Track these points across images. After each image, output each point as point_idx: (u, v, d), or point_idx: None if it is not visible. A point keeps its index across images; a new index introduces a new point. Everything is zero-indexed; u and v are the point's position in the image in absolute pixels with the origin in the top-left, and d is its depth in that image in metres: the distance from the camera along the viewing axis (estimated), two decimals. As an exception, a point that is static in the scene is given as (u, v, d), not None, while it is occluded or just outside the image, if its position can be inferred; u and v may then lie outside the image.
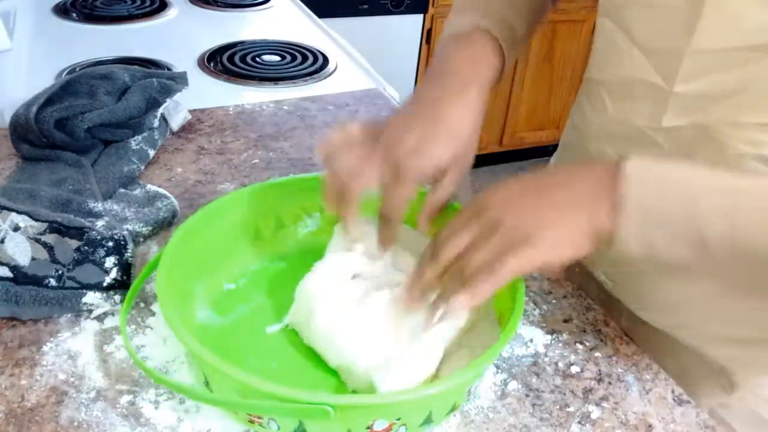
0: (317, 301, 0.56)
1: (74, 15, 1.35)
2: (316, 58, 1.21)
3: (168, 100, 0.88)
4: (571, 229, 0.47)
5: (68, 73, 1.05)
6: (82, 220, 0.63)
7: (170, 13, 1.40)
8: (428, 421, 0.50)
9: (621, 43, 0.60)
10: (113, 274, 0.61)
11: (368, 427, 0.47)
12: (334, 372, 0.56)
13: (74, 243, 0.61)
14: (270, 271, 0.67)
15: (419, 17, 2.36)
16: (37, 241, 0.60)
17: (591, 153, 0.68)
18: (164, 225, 0.72)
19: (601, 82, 0.65)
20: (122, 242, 0.62)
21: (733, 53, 0.51)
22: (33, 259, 0.59)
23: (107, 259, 0.61)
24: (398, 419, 0.48)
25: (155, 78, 0.89)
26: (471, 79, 0.59)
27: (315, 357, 0.57)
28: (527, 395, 0.57)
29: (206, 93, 1.06)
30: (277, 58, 1.21)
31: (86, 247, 0.61)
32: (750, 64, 0.51)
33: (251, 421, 0.49)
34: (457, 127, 0.57)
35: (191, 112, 0.95)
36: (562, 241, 0.47)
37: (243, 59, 1.19)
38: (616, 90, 0.62)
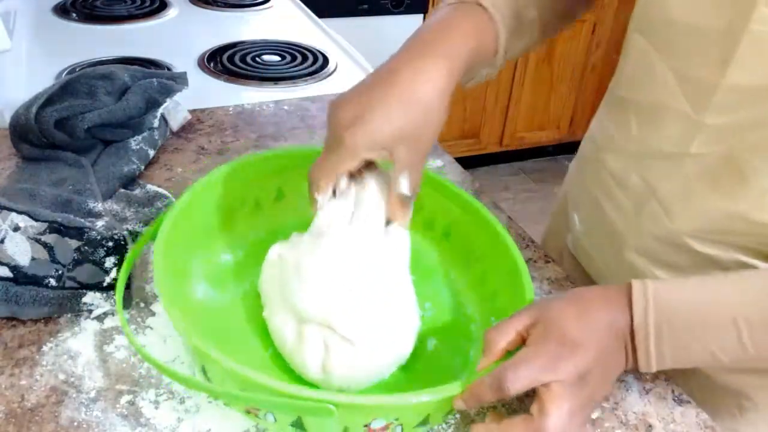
0: (265, 309, 0.58)
1: (74, 15, 1.34)
2: (316, 58, 1.21)
3: (168, 100, 0.88)
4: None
5: (68, 73, 1.05)
6: (82, 220, 0.63)
7: (170, 13, 1.40)
8: (425, 422, 0.50)
9: (656, 64, 0.58)
10: (113, 274, 0.61)
11: (366, 425, 0.47)
12: None
13: (74, 243, 0.61)
14: (268, 242, 0.63)
15: (419, 17, 2.36)
16: (37, 241, 0.60)
17: (608, 169, 0.66)
18: (164, 225, 0.72)
19: (630, 101, 0.63)
20: (122, 242, 0.62)
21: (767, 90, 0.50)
22: (33, 259, 0.59)
23: (107, 259, 0.61)
24: (396, 419, 0.48)
25: (155, 78, 0.89)
26: (437, 45, 0.53)
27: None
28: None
29: (206, 93, 1.06)
30: (277, 58, 1.21)
31: (86, 247, 0.61)
32: None
33: (248, 412, 0.50)
34: (408, 96, 0.51)
35: (191, 112, 0.95)
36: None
37: (243, 59, 1.19)
38: (645, 112, 0.61)
